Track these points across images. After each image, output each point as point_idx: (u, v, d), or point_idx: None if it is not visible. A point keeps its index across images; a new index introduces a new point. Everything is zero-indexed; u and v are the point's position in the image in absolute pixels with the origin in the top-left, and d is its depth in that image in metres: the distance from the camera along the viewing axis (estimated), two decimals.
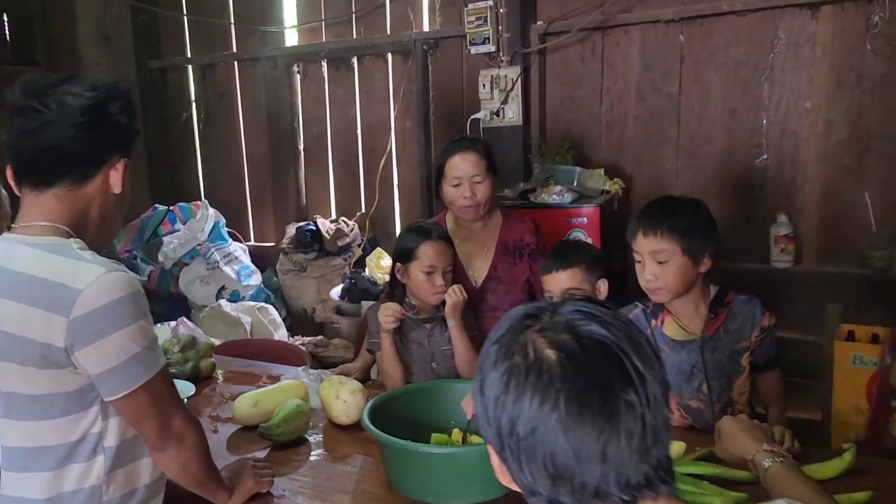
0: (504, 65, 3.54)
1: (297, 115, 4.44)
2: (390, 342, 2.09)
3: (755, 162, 3.25)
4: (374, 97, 4.19)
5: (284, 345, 2.75)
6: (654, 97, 3.45)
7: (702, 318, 1.84)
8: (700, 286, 1.84)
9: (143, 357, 1.27)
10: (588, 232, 2.94)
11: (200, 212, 4.29)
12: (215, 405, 2.13)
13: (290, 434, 1.83)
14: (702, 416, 1.86)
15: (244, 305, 3.76)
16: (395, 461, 1.60)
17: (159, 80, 4.86)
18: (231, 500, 1.51)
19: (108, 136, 1.37)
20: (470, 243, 2.43)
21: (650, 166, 3.51)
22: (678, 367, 1.85)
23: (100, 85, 1.37)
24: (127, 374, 1.26)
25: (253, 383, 2.25)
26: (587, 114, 3.61)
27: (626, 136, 3.55)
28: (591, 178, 3.19)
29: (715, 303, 1.85)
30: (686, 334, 1.85)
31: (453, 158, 2.33)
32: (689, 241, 1.77)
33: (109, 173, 1.38)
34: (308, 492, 1.62)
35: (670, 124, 3.44)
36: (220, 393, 2.22)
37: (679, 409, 1.87)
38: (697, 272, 1.80)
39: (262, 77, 4.49)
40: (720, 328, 1.83)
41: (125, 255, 4.29)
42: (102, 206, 1.39)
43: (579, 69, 3.59)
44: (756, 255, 3.26)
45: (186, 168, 4.92)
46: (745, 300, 1.86)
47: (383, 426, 1.60)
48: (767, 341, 1.86)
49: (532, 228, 2.45)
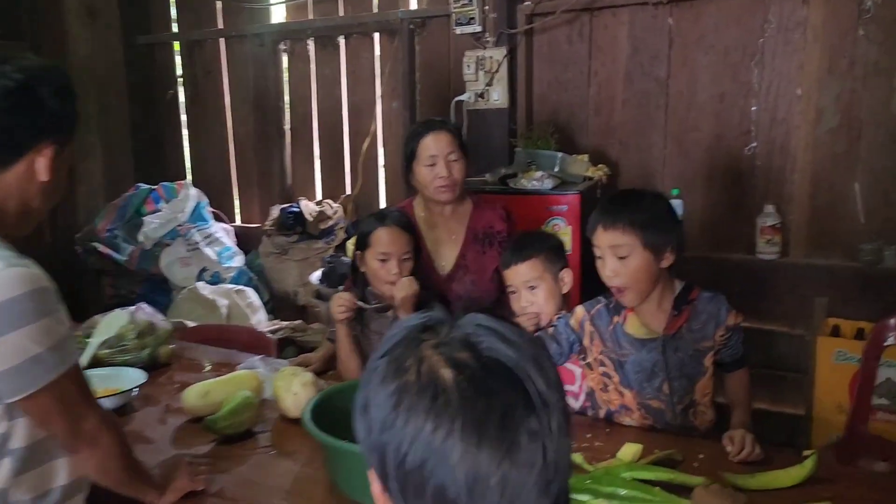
0: (490, 45, 3.45)
1: (283, 94, 4.36)
2: (346, 333, 2.03)
3: (744, 150, 3.16)
4: (360, 77, 4.10)
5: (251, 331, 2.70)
6: (643, 81, 3.36)
7: (665, 316, 1.76)
8: (664, 282, 1.76)
9: (46, 358, 1.20)
10: (568, 220, 2.86)
11: (183, 191, 4.22)
12: (170, 394, 2.08)
13: (237, 427, 1.77)
14: (662, 416, 1.79)
15: (222, 288, 3.71)
16: (336, 461, 1.54)
17: (146, 57, 4.78)
18: (162, 498, 1.45)
19: (34, 122, 1.30)
20: (438, 230, 2.36)
21: (637, 152, 3.42)
22: (639, 366, 1.78)
23: (30, 66, 1.30)
24: (26, 376, 1.19)
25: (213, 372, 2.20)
26: (574, 97, 3.52)
27: (613, 121, 3.46)
28: (573, 164, 3.10)
29: (679, 300, 1.77)
30: (648, 332, 1.77)
31: (426, 138, 2.27)
32: (649, 235, 1.69)
33: (35, 160, 1.31)
34: (245, 489, 1.56)
35: (658, 109, 3.34)
36: (176, 381, 2.17)
37: (640, 408, 1.81)
38: (659, 267, 1.73)
39: (248, 55, 4.40)
40: (683, 326, 1.76)
41: (106, 234, 4.23)
42: (25, 195, 1.32)
43: (566, 51, 3.49)
44: (742, 247, 3.18)
45: (172, 147, 4.85)
46: (710, 297, 1.79)
47: (329, 422, 1.53)
48: (734, 341, 1.78)
49: (503, 215, 2.38)
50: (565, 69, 3.51)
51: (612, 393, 1.83)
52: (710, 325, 1.76)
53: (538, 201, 2.88)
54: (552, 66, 3.54)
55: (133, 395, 1.98)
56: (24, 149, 1.29)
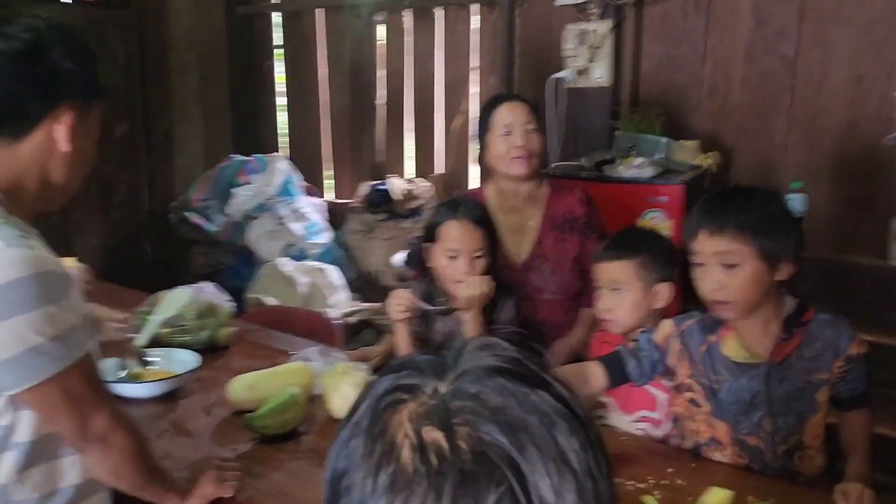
0: (594, 18, 3.16)
1: (376, 67, 4.22)
2: (405, 332, 1.85)
3: (882, 140, 2.75)
4: (456, 51, 3.90)
5: (317, 317, 2.58)
6: (766, 59, 2.99)
7: (772, 340, 1.49)
8: (774, 298, 1.48)
9: (49, 349, 1.09)
10: (668, 213, 2.57)
11: (273, 164, 4.17)
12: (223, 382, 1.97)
13: (279, 427, 1.64)
14: (761, 456, 1.52)
15: (304, 265, 3.63)
16: None
17: (246, 28, 4.75)
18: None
19: (48, 86, 1.18)
20: (513, 216, 2.16)
21: (756, 139, 3.06)
22: (736, 395, 1.52)
23: (40, 26, 1.18)
24: (26, 368, 1.08)
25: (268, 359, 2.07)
26: (687, 76, 3.19)
27: (729, 104, 3.11)
28: (680, 150, 2.79)
29: (790, 321, 1.49)
30: (749, 356, 1.50)
31: (500, 107, 2.15)
32: (765, 241, 1.41)
33: (53, 128, 1.20)
34: (274, 500, 1.43)
35: (782, 91, 2.97)
36: (234, 367, 2.06)
37: (734, 444, 1.54)
38: (772, 280, 1.45)
39: (344, 26, 4.28)
40: (793, 353, 1.47)
41: (198, 204, 4.24)
42: (44, 168, 1.22)
43: (680, 24, 3.16)
44: (872, 250, 2.78)
45: (268, 119, 4.82)
46: (828, 321, 1.49)
47: None
48: (855, 374, 1.48)
49: (583, 198, 2.19)
50: (677, 45, 3.18)
51: (700, 423, 1.58)
52: (826, 355, 1.47)
53: (635, 191, 2.60)
54: (663, 42, 3.21)
55: (183, 381, 1.89)
56: (39, 117, 1.18)
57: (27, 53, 1.15)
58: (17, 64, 1.15)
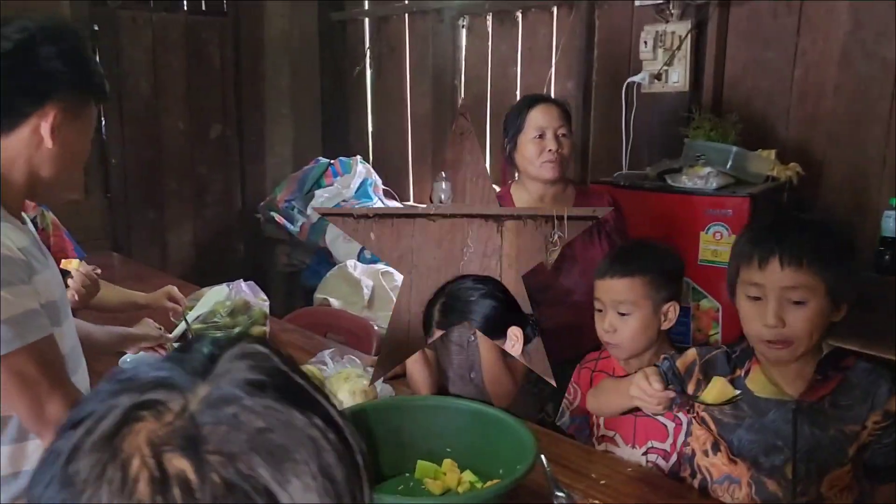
0: (673, 19, 2.99)
1: (459, 72, 4.19)
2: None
3: None
4: (536, 55, 3.80)
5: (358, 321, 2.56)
6: (864, 63, 2.71)
7: (804, 379, 1.32)
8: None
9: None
10: (733, 228, 2.37)
11: (353, 167, 4.23)
12: None
13: None
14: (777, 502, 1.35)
15: (370, 268, 3.64)
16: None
17: (339, 32, 4.85)
18: None
19: (35, 84, 1.23)
20: None
21: (849, 150, 2.78)
22: (759, 433, 1.36)
23: (32, 27, 1.23)
24: None
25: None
26: (775, 81, 2.94)
27: (821, 111, 2.84)
28: (754, 161, 2.57)
29: (825, 363, 1.32)
30: (777, 392, 1.34)
31: (534, 110, 2.16)
32: (837, 279, 1.26)
33: (39, 125, 1.24)
34: None
35: (881, 99, 2.68)
36: None
37: (751, 484, 1.38)
38: (829, 322, 1.29)
39: (429, 31, 4.28)
40: (827, 397, 1.31)
41: (284, 204, 4.37)
42: (31, 162, 1.26)
43: (770, 26, 2.92)
44: None
45: (356, 122, 4.89)
46: (868, 370, 1.32)
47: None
48: (892, 436, 1.29)
49: (610, 201, 2.18)
50: (766, 48, 2.95)
51: (714, 459, 1.42)
52: (863, 405, 1.30)
53: (696, 202, 2.42)
54: (750, 44, 2.99)
55: None
56: (26, 113, 1.23)
57: (15, 52, 1.20)
58: (5, 62, 1.19)
